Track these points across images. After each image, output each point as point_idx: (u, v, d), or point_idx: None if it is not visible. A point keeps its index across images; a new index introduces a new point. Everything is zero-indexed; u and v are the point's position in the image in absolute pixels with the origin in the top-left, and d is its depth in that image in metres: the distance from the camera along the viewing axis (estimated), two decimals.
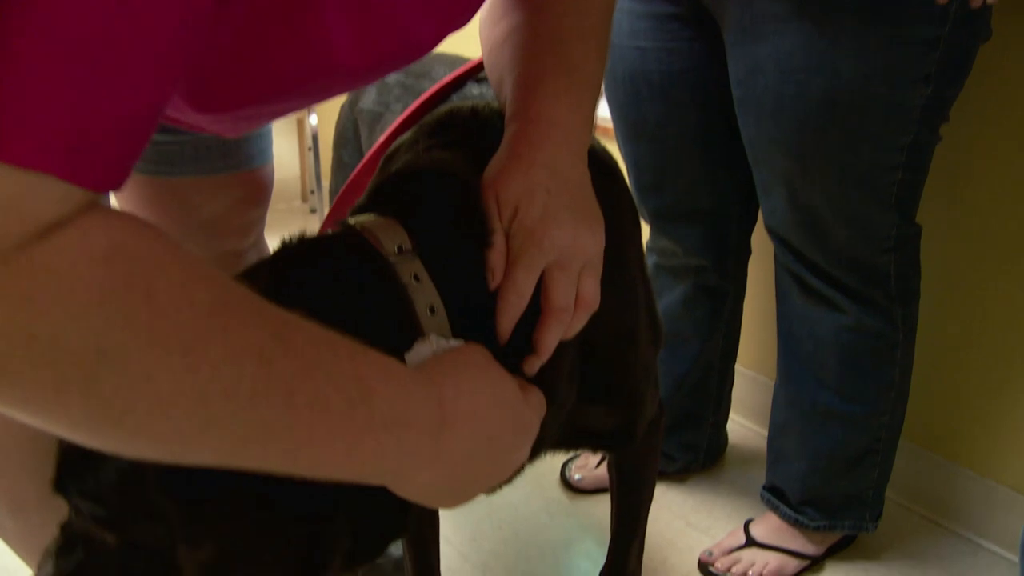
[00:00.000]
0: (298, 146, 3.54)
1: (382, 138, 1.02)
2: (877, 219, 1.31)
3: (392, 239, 0.74)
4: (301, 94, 0.77)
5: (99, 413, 0.49)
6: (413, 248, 0.74)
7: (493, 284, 0.76)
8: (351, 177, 1.04)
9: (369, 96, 1.40)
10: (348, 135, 1.49)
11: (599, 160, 0.97)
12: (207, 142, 1.09)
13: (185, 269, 0.51)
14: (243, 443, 0.54)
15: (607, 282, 0.86)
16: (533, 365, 0.77)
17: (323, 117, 2.89)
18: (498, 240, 0.76)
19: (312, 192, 3.14)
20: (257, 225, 1.22)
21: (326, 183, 3.27)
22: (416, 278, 0.73)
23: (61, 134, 0.44)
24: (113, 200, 0.71)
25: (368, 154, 1.03)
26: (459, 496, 0.73)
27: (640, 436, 1.04)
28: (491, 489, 0.81)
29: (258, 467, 0.57)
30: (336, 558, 0.68)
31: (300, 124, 3.38)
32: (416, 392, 0.63)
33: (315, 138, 2.89)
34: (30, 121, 0.43)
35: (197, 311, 0.50)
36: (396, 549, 1.48)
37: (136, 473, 0.63)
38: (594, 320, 0.84)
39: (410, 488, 0.67)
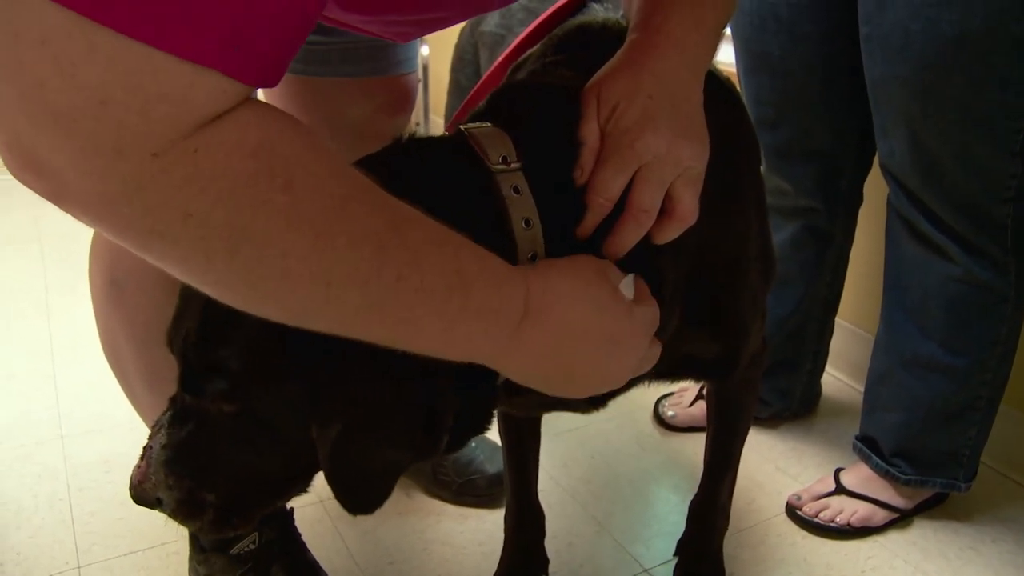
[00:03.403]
0: None
1: (501, 58, 1.04)
2: (998, 166, 1.28)
3: (498, 149, 0.75)
4: (443, 4, 0.79)
5: (239, 278, 0.56)
6: (518, 159, 0.76)
7: (580, 180, 0.76)
8: (470, 95, 1.06)
9: (492, 19, 1.41)
10: (467, 58, 1.52)
11: (722, 87, 0.97)
12: (355, 45, 1.12)
13: (323, 164, 0.57)
14: (354, 315, 0.61)
15: (718, 206, 0.87)
16: None
17: (434, 48, 2.91)
18: (590, 138, 0.76)
19: (417, 125, 3.16)
20: (398, 133, 1.27)
21: (434, 116, 3.31)
22: (516, 190, 0.74)
23: (224, 32, 0.49)
24: (261, 95, 0.75)
25: (487, 73, 1.05)
26: (557, 387, 0.76)
27: (742, 367, 1.05)
28: (592, 403, 0.84)
29: (365, 338, 0.63)
30: (446, 433, 0.73)
31: None
32: (506, 285, 0.68)
33: (425, 69, 2.90)
34: (196, 18, 0.47)
35: (328, 202, 0.57)
36: (491, 466, 1.53)
37: (263, 353, 0.69)
38: (703, 243, 0.85)
39: (508, 370, 0.73)
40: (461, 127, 0.78)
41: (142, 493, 0.78)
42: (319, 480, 0.78)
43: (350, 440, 0.70)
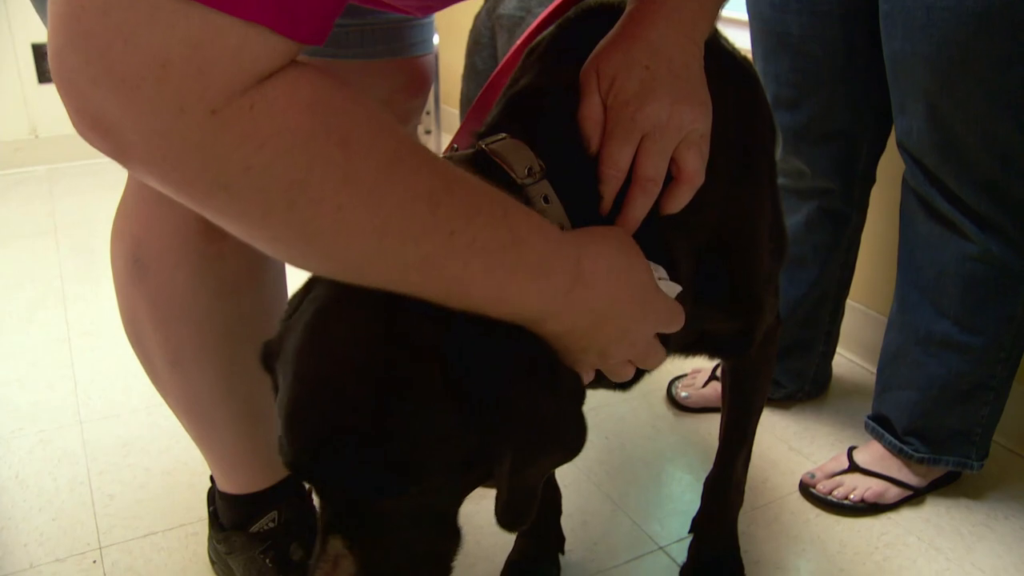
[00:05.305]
0: None
1: (519, 42, 1.04)
2: (1019, 143, 1.28)
3: (522, 162, 0.77)
4: None
5: (295, 233, 0.58)
6: (542, 169, 0.77)
7: (591, 152, 0.79)
8: (488, 82, 1.07)
9: (510, 1, 1.41)
10: (483, 41, 1.51)
11: (738, 66, 0.98)
12: (373, 27, 1.13)
13: (374, 121, 0.59)
14: (408, 270, 0.63)
15: (732, 182, 0.88)
16: None
17: (444, 36, 2.91)
18: (593, 112, 0.79)
19: (428, 113, 3.16)
20: (415, 115, 1.28)
21: (445, 106, 3.31)
22: (546, 200, 0.76)
23: None
24: None
25: (506, 57, 1.05)
26: (582, 354, 0.77)
27: (756, 343, 1.06)
28: (626, 384, 0.85)
29: (418, 294, 0.65)
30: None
31: None
32: (561, 249, 0.70)
33: (436, 58, 2.90)
34: None
35: (382, 158, 0.58)
36: None
37: (429, 424, 0.68)
38: (716, 219, 0.86)
39: (544, 333, 0.73)
40: (482, 145, 0.80)
41: None
42: None
43: (524, 465, 0.71)
